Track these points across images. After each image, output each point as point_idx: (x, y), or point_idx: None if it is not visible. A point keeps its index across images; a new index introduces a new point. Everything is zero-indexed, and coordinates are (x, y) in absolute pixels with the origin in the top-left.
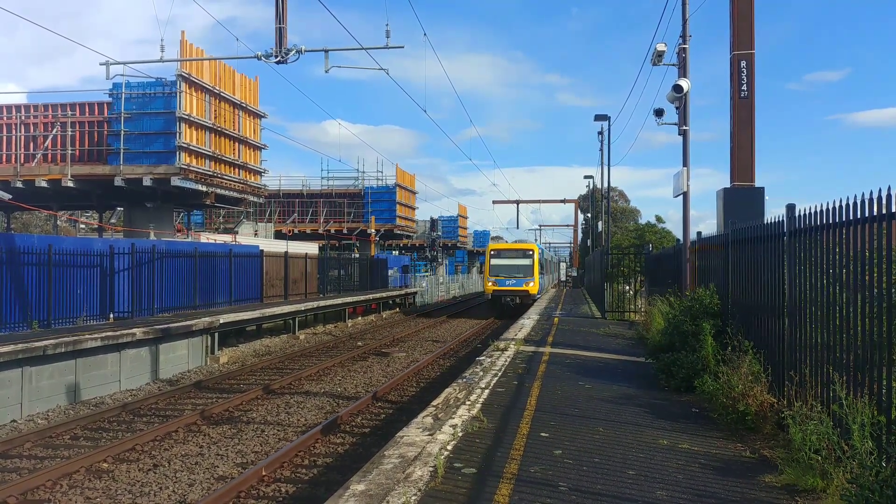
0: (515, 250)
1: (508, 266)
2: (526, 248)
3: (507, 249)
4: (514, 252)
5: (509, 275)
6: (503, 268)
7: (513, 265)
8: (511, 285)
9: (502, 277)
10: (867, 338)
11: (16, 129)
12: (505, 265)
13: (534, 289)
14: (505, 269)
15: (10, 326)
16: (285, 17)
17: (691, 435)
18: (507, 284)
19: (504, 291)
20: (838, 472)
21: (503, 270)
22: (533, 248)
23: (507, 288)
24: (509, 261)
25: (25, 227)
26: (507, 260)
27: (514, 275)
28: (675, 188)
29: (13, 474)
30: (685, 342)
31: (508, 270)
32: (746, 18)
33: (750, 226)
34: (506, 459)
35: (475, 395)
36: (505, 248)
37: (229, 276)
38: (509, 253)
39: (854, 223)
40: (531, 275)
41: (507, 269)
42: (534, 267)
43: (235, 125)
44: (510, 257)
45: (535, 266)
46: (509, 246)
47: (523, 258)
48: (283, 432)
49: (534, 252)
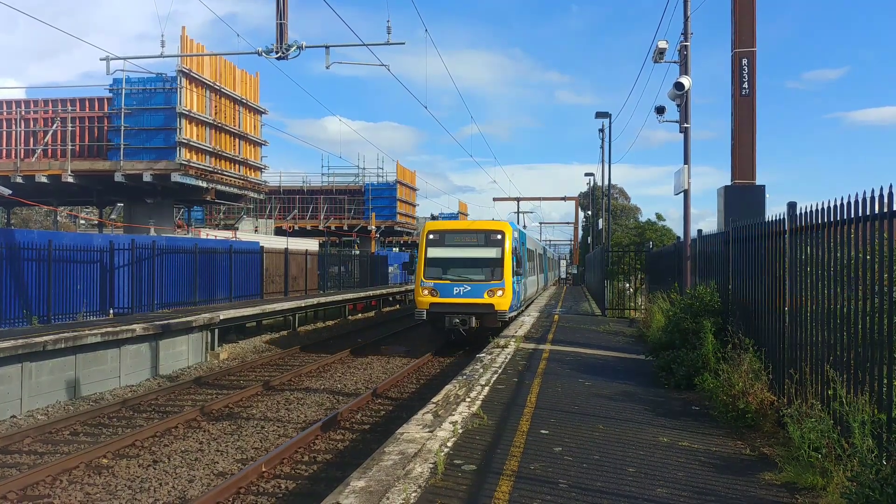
0: (472, 233)
1: (459, 260)
2: (491, 228)
3: (456, 231)
4: (468, 236)
5: (460, 275)
6: (449, 263)
7: (467, 258)
8: (462, 295)
9: (447, 281)
10: (867, 336)
11: (16, 125)
12: (452, 258)
13: (504, 300)
14: (452, 264)
15: (9, 322)
16: (286, 12)
17: (691, 432)
18: (455, 294)
19: (448, 307)
20: (838, 470)
21: (449, 267)
22: (503, 228)
23: (455, 300)
24: (461, 251)
25: (25, 222)
26: (456, 250)
27: (469, 275)
28: (676, 186)
29: (13, 470)
30: (685, 340)
31: (458, 267)
32: (748, 16)
33: (751, 223)
34: (506, 456)
35: (475, 391)
36: (453, 228)
37: (229, 272)
38: (461, 237)
39: (854, 221)
40: (499, 275)
41: (457, 264)
42: (504, 261)
43: (236, 121)
44: (462, 244)
45: (506, 260)
46: (461, 225)
47: (485, 246)
48: (283, 429)
49: (504, 236)
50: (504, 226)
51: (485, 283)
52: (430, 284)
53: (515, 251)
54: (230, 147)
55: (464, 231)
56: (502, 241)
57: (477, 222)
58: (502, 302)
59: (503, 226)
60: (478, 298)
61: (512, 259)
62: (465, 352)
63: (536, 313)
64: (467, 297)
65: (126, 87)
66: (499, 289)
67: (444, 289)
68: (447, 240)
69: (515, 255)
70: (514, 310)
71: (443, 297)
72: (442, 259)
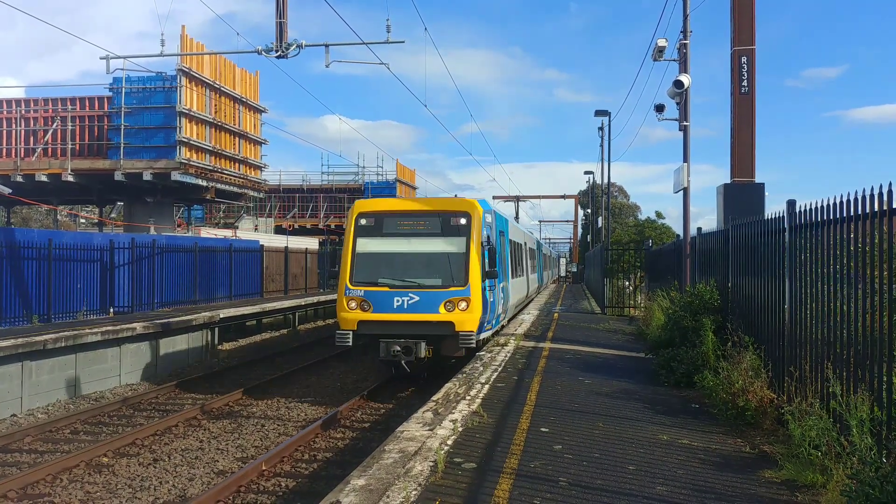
0: (422, 215)
1: (402, 256)
2: (451, 208)
3: (399, 214)
4: (416, 220)
5: (403, 279)
6: (388, 261)
7: (414, 254)
8: (406, 309)
9: (384, 287)
10: (867, 334)
11: (16, 124)
12: (392, 254)
13: (469, 316)
14: (393, 263)
15: (10, 321)
16: (286, 11)
17: (691, 430)
18: (397, 307)
19: (386, 327)
20: (838, 467)
21: (388, 267)
22: (468, 208)
23: (395, 317)
24: (405, 243)
25: (25, 221)
26: (398, 241)
27: (417, 279)
28: (676, 184)
29: (13, 468)
30: (685, 338)
31: (401, 267)
32: (747, 14)
33: (750, 221)
34: (506, 454)
35: (475, 390)
36: (394, 209)
37: (229, 270)
38: (406, 222)
39: (854, 219)
40: (463, 278)
41: (400, 263)
42: (469, 257)
43: (236, 120)
44: (408, 233)
45: (472, 255)
46: (406, 205)
47: (442, 235)
48: (283, 427)
49: (471, 220)
50: (470, 205)
51: (441, 291)
52: (360, 293)
53: (488, 242)
54: (230, 146)
55: (410, 213)
56: (468, 227)
57: (430, 200)
58: (467, 318)
59: (468, 205)
60: (430, 314)
61: (483, 254)
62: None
63: (536, 311)
64: (414, 313)
65: (126, 86)
66: (462, 298)
67: (380, 299)
68: (386, 226)
69: (489, 247)
70: (487, 328)
71: (377, 313)
72: (377, 255)
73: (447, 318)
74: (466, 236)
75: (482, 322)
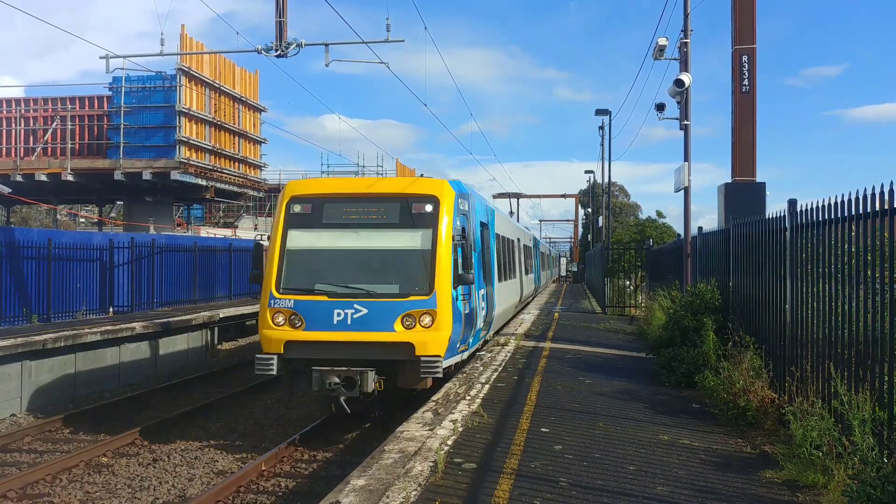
0: (374, 200)
1: (345, 255)
2: (414, 190)
3: (345, 199)
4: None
5: (347, 285)
6: (327, 261)
7: (361, 251)
8: (350, 325)
9: (320, 297)
10: (868, 333)
11: (15, 123)
12: (333, 252)
13: (435, 335)
14: (333, 264)
15: (9, 320)
16: (285, 10)
17: (692, 430)
18: (337, 324)
19: (322, 350)
20: (839, 467)
21: (326, 270)
22: (436, 191)
23: (335, 336)
24: (350, 237)
25: (25, 220)
26: (341, 234)
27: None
28: (677, 183)
29: (13, 468)
30: (686, 337)
31: (344, 270)
32: (748, 13)
33: (751, 221)
34: (506, 455)
35: (475, 390)
36: (338, 192)
37: (229, 270)
38: (352, 209)
39: (855, 218)
40: (427, 283)
41: (342, 264)
42: (436, 255)
43: (235, 119)
44: (354, 223)
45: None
46: (353, 186)
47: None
48: (283, 427)
49: (440, 206)
50: (438, 187)
51: (397, 301)
52: (289, 304)
53: (463, 236)
54: (230, 145)
55: (359, 197)
56: (435, 215)
57: (387, 181)
58: (431, 338)
59: (436, 187)
60: (382, 332)
61: (455, 251)
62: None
63: (536, 311)
64: (361, 331)
65: (126, 86)
66: (425, 311)
67: (316, 312)
68: (327, 214)
69: (463, 242)
70: (461, 348)
71: (312, 331)
72: (314, 253)
73: (405, 337)
74: (433, 228)
75: (453, 342)
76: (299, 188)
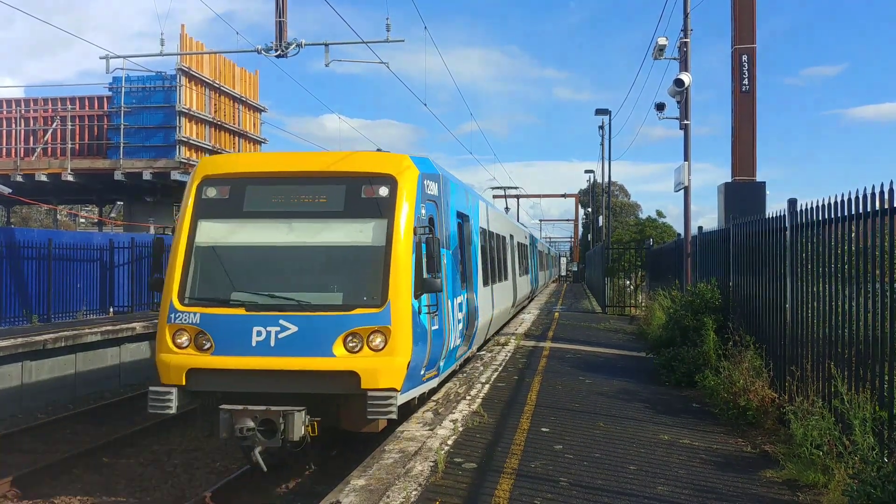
0: (312, 180)
1: (273, 253)
2: (362, 171)
3: (272, 178)
4: (303, 186)
5: (271, 292)
6: (251, 259)
7: (295, 248)
8: (273, 348)
9: (236, 309)
10: (869, 333)
11: (15, 123)
12: (259, 249)
13: (388, 365)
14: (258, 263)
15: (9, 321)
16: (285, 10)
17: (692, 430)
18: (257, 345)
19: (237, 381)
20: (840, 467)
21: (250, 271)
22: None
23: (254, 362)
24: (282, 230)
25: (25, 221)
26: (270, 226)
27: (295, 293)
28: (676, 182)
29: (13, 469)
30: (686, 337)
31: (271, 273)
32: (748, 12)
33: (752, 220)
34: (506, 454)
35: (475, 389)
36: (264, 171)
37: None
38: (284, 191)
39: (855, 218)
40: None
41: (269, 264)
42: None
43: (235, 119)
44: (287, 212)
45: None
46: (286, 164)
47: (344, 217)
48: None
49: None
50: (395, 164)
51: (338, 316)
52: (194, 319)
53: (430, 229)
54: (230, 145)
55: (292, 178)
56: (390, 201)
57: (330, 156)
58: (384, 366)
59: (393, 164)
60: (316, 358)
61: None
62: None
63: (537, 311)
64: (288, 355)
65: (125, 86)
66: (376, 330)
67: (229, 330)
68: (250, 199)
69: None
70: (428, 375)
71: (222, 355)
72: (231, 251)
73: (348, 364)
74: (388, 218)
75: (414, 368)
76: (214, 166)
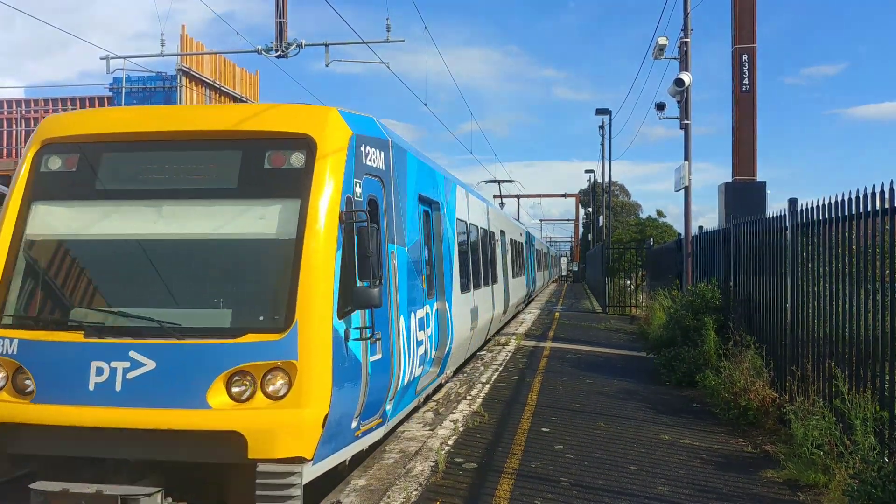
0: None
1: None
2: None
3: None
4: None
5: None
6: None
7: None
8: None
9: (74, 335)
10: (870, 332)
11: (16, 124)
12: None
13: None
14: (110, 265)
15: None
16: (285, 10)
17: (693, 430)
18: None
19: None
20: (840, 467)
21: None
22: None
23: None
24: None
25: None
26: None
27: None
28: (677, 182)
29: None
30: (686, 337)
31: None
32: (748, 12)
33: (752, 220)
34: (507, 454)
35: (476, 389)
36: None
37: None
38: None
39: (856, 217)
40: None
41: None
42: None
43: None
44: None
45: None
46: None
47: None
48: None
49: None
50: (315, 119)
51: (216, 346)
52: (10, 349)
53: (370, 215)
54: None
55: (167, 142)
56: (305, 173)
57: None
58: (284, 421)
59: (313, 119)
60: (182, 409)
61: (348, 243)
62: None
63: (537, 311)
64: (139, 405)
65: (126, 86)
66: (275, 367)
67: (57, 366)
68: (106, 173)
69: (365, 226)
70: (361, 428)
71: (48, 403)
72: (71, 248)
73: (228, 420)
74: (301, 199)
75: (339, 420)
76: (61, 126)
